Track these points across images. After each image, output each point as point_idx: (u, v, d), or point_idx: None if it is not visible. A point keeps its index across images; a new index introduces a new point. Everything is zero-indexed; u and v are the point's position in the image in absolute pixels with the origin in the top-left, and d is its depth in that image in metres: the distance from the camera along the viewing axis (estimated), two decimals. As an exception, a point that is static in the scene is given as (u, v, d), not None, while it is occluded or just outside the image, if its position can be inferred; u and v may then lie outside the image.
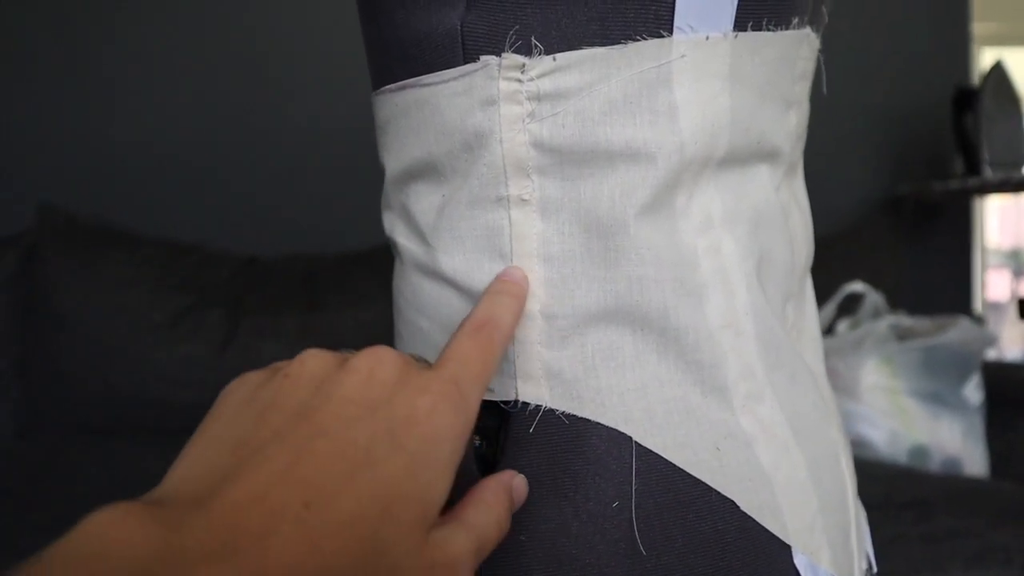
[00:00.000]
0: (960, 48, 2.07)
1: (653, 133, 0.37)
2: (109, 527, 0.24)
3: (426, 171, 0.41)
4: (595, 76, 0.37)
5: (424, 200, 0.41)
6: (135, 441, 1.49)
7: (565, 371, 0.38)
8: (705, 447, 0.39)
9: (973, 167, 1.82)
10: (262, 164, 1.87)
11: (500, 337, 0.35)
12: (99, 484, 1.27)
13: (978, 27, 2.67)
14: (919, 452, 1.37)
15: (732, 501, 0.38)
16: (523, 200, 0.38)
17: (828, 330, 1.61)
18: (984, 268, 2.76)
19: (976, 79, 2.14)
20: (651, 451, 0.38)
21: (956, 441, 1.37)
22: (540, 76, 0.36)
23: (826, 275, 1.71)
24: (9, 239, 1.69)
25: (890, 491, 1.19)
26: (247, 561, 0.25)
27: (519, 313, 0.37)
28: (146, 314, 1.59)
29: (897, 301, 1.77)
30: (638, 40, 0.36)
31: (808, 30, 0.42)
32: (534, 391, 0.39)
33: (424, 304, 0.42)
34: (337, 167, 1.85)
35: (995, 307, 3.99)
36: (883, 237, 1.89)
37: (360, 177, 1.79)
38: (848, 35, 1.99)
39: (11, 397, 1.62)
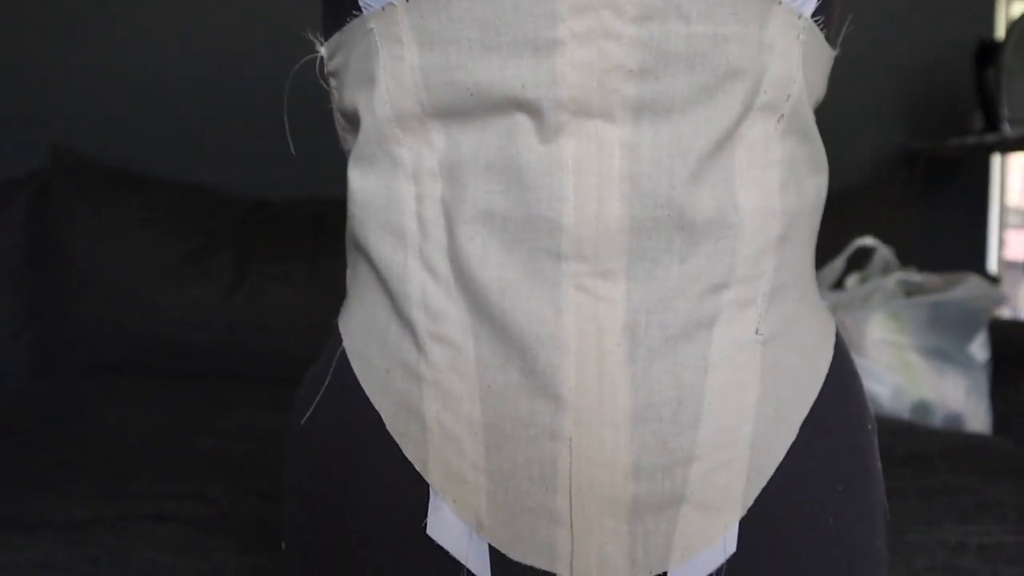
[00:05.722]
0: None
1: (363, 101, 0.44)
2: None
3: None
4: (343, 57, 0.45)
5: None
6: (146, 380, 1.52)
7: None
8: (384, 368, 0.44)
9: (993, 123, 1.79)
10: (273, 104, 1.86)
11: None
12: (110, 422, 1.30)
13: (1005, -22, 2.60)
14: (922, 407, 1.37)
15: (380, 417, 0.44)
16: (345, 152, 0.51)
17: (837, 284, 1.60)
18: (1004, 227, 2.73)
19: (1001, 32, 2.09)
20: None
21: (960, 397, 1.37)
22: (329, 59, 0.46)
23: (838, 230, 1.69)
24: (22, 181, 1.70)
25: (891, 445, 1.20)
26: None
27: None
28: (156, 256, 1.60)
29: (911, 258, 1.76)
30: (350, 21, 0.43)
31: None
32: None
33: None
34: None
35: (1015, 266, 3.94)
36: (897, 193, 1.87)
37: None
38: (870, -15, 1.95)
39: (24, 337, 1.64)
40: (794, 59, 0.42)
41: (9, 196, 1.67)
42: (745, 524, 0.43)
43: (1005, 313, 2.22)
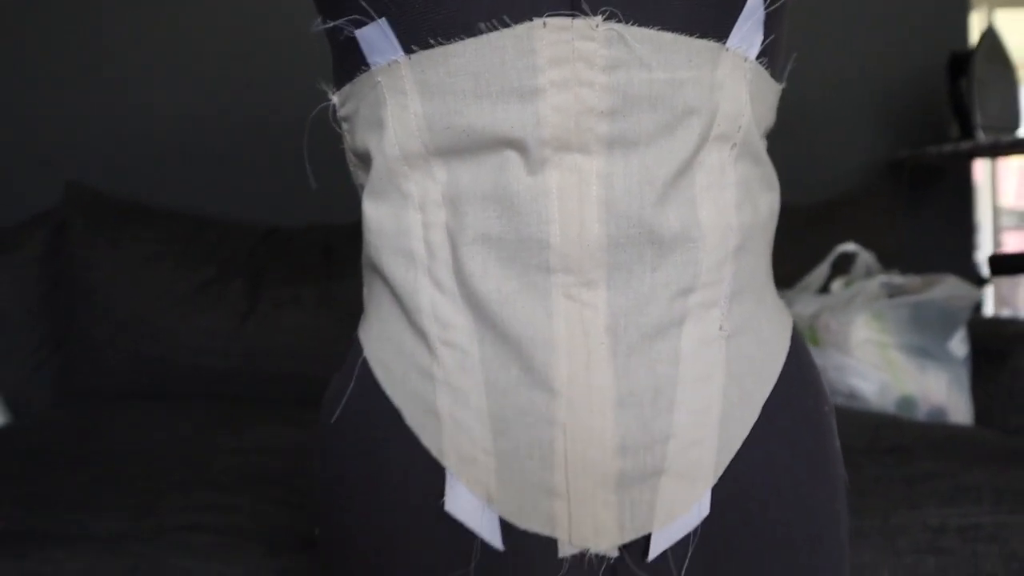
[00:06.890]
0: (957, 11, 2.09)
1: (374, 143, 0.50)
2: None
3: None
4: (354, 105, 0.51)
5: None
6: (163, 406, 1.56)
7: None
8: (402, 371, 0.51)
9: (968, 131, 1.86)
10: (279, 137, 1.92)
11: None
12: (134, 444, 1.35)
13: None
14: (907, 402, 1.44)
15: (399, 413, 0.51)
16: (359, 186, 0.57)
17: (823, 288, 1.67)
18: (999, 229, 2.78)
19: (972, 43, 2.17)
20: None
21: (942, 392, 1.44)
22: (341, 106, 0.53)
23: (830, 238, 1.75)
24: (39, 218, 1.76)
25: (876, 437, 1.26)
26: None
27: None
28: (171, 286, 1.67)
29: (902, 262, 1.81)
30: (359, 75, 0.50)
31: (533, 22, 0.45)
32: None
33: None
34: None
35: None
36: (883, 201, 1.93)
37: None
38: (844, 1, 2.03)
39: (46, 370, 1.71)
40: (742, 96, 0.49)
41: (26, 234, 1.74)
42: (716, 491, 0.50)
43: (1005, 312, 2.27)
